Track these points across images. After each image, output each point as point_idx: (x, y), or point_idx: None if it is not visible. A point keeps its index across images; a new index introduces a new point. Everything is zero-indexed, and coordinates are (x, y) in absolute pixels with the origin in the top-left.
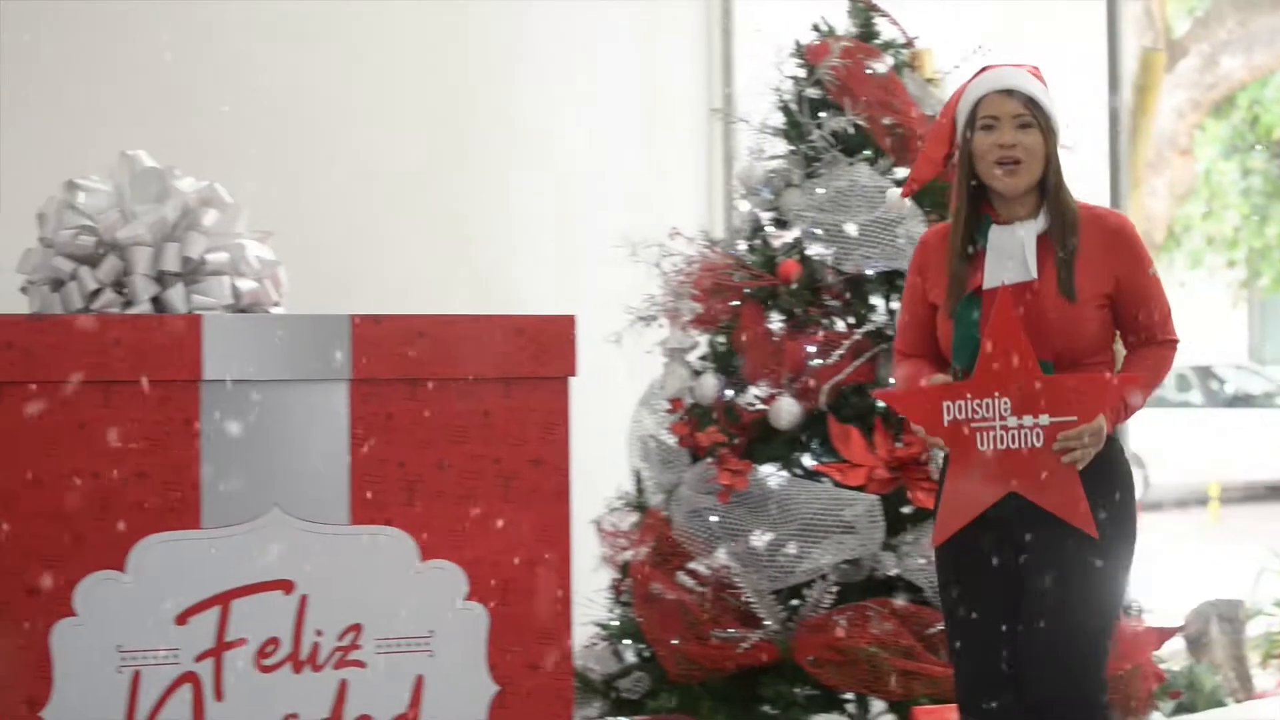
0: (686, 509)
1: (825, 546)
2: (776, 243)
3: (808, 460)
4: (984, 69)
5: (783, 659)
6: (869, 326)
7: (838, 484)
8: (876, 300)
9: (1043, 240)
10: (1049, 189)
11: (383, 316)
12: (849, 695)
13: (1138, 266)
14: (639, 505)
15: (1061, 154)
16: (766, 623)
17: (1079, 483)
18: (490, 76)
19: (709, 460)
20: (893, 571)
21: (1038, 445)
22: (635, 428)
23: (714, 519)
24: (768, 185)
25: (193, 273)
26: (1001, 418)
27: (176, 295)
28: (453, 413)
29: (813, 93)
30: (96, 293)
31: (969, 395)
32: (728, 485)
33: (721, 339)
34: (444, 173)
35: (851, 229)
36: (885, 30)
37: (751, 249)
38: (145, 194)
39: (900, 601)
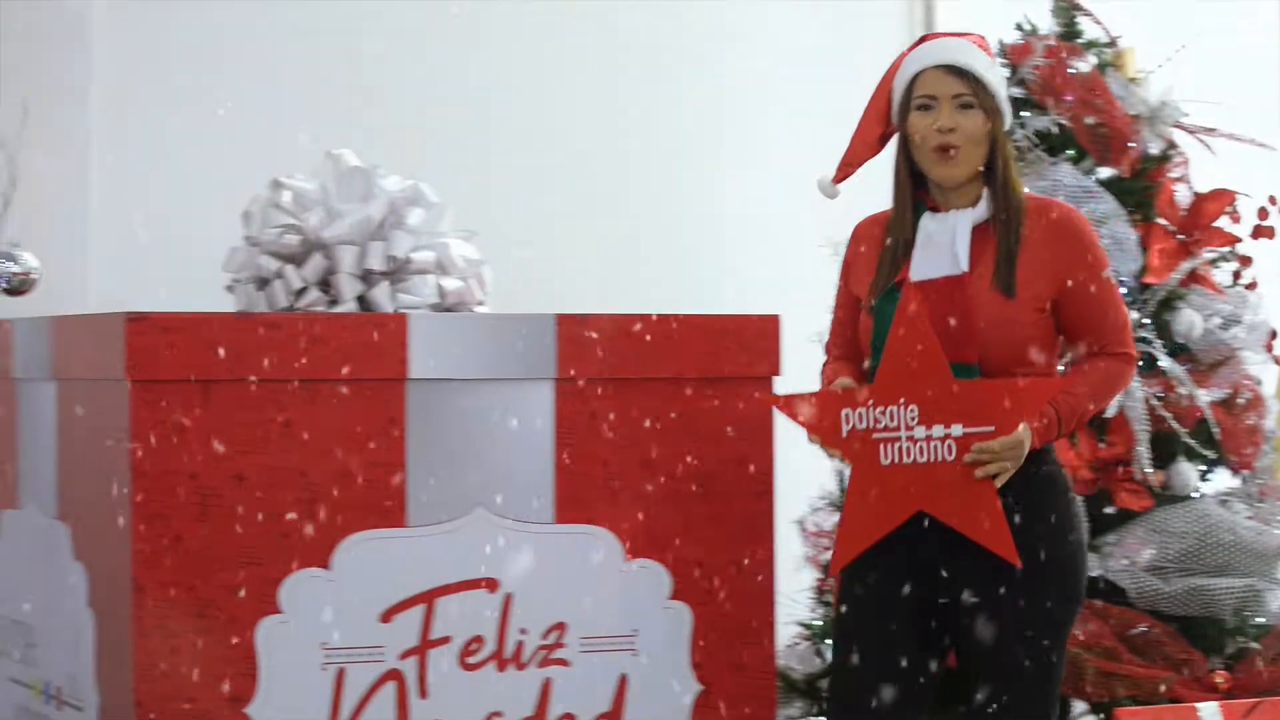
0: None
1: None
2: None
3: None
4: (922, 39)
5: None
6: None
7: None
8: None
9: (982, 231)
10: (994, 176)
11: (588, 315)
12: None
13: (1090, 266)
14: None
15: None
16: None
17: (997, 502)
18: (700, 74)
19: None
20: (1095, 572)
21: (949, 459)
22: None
23: None
24: None
25: (398, 271)
26: (908, 427)
27: (382, 294)
28: (657, 411)
29: (1015, 92)
30: (302, 291)
31: (871, 402)
32: None
33: None
34: (651, 171)
35: None
36: (1088, 29)
37: None
38: (351, 193)
39: (1102, 603)
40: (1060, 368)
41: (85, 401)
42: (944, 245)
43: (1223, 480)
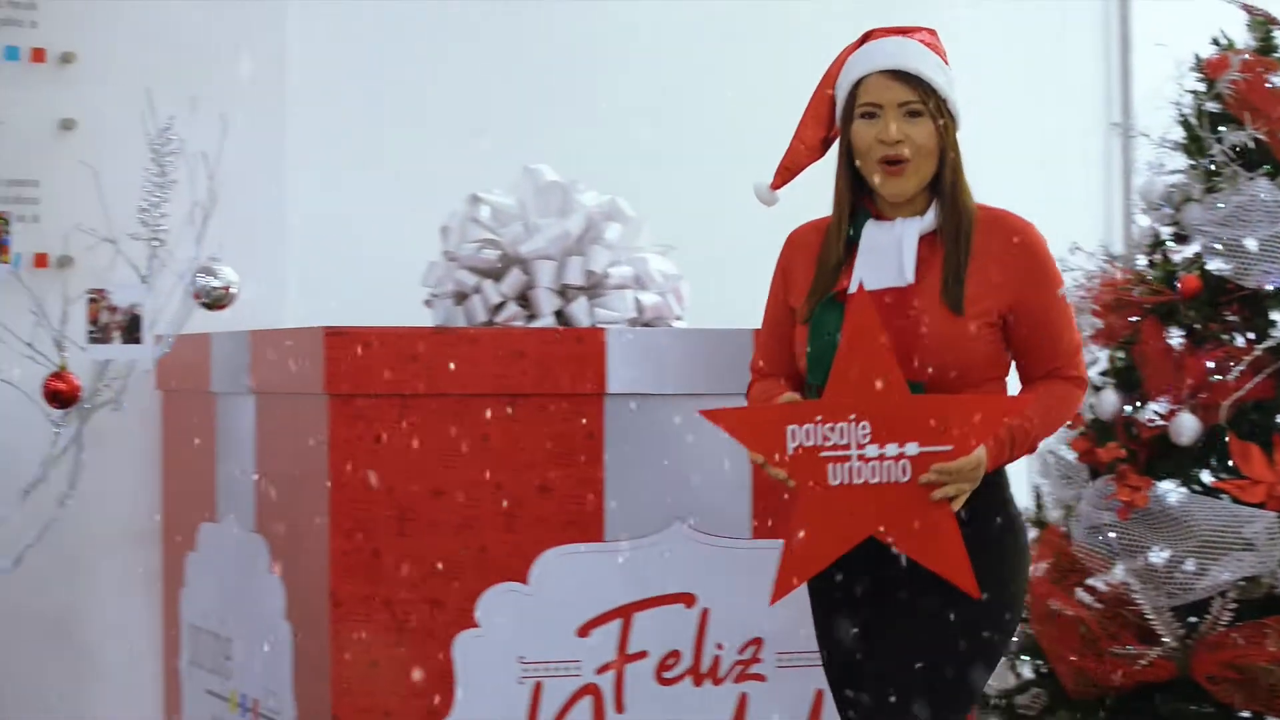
0: (1085, 525)
1: (1224, 563)
2: (1176, 257)
3: (1207, 477)
4: (866, 36)
5: (1180, 676)
6: (1270, 342)
7: (1237, 501)
8: (1277, 316)
9: (929, 241)
10: (943, 186)
11: None
12: (1246, 713)
13: (1044, 283)
14: (1038, 521)
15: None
16: (1165, 640)
17: (956, 527)
18: None
19: (1108, 476)
20: None
21: (903, 479)
22: None
23: (1113, 535)
24: (1167, 200)
25: (596, 286)
26: (859, 445)
27: (580, 309)
28: None
29: (1212, 106)
30: (500, 306)
31: (819, 417)
32: (1127, 501)
33: (1121, 354)
34: None
35: (1251, 244)
36: None
37: (1151, 264)
38: (548, 208)
39: None
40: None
41: (283, 415)
42: (889, 255)
43: None
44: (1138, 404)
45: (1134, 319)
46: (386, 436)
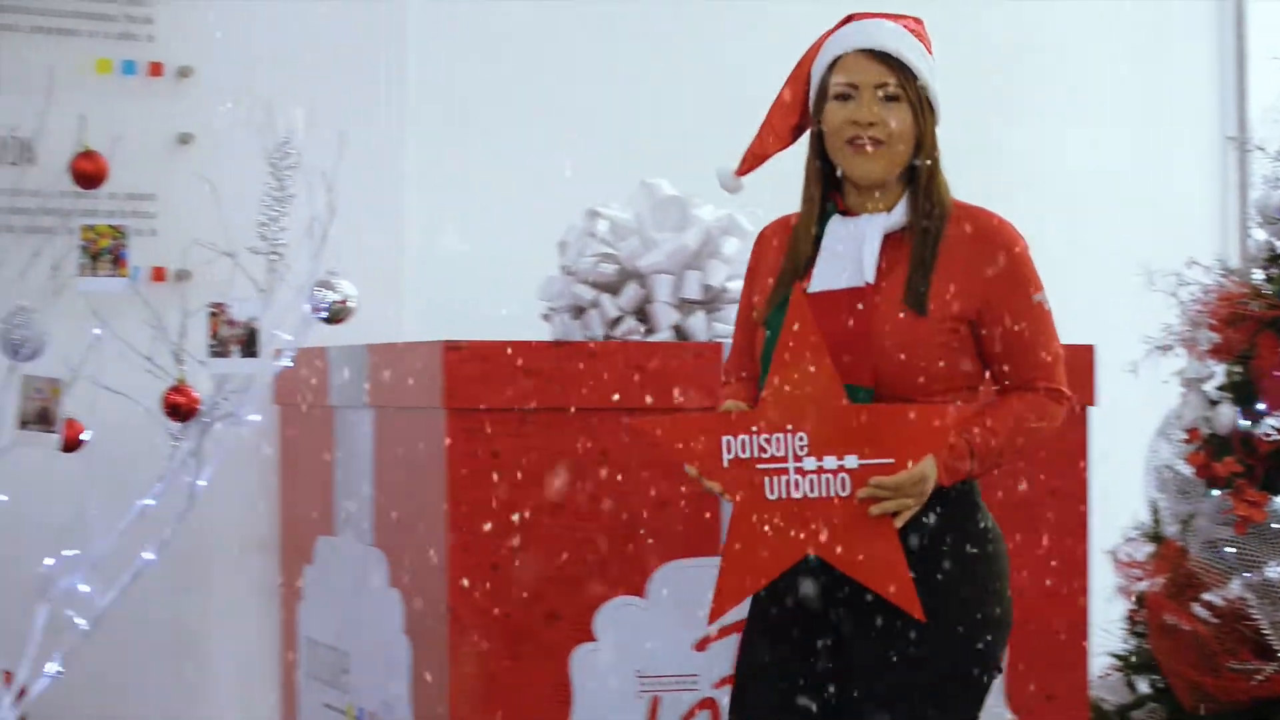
0: (1202, 539)
1: None
2: None
3: None
4: (848, 18)
5: None
6: None
7: None
8: None
9: (897, 240)
10: (918, 179)
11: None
12: None
13: (1017, 286)
14: (1155, 536)
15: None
16: None
17: (897, 543)
18: (1022, 91)
19: (1225, 491)
20: None
21: (843, 494)
22: (1152, 458)
23: (1230, 550)
24: None
25: (713, 300)
26: (796, 458)
27: (698, 323)
28: None
29: None
30: (617, 320)
31: (755, 428)
32: (1244, 516)
33: (1238, 368)
34: (978, 198)
35: None
36: None
37: (1268, 278)
38: (666, 222)
39: None
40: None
41: (402, 429)
42: (849, 253)
43: None
44: (1255, 418)
45: (1250, 333)
46: (504, 450)
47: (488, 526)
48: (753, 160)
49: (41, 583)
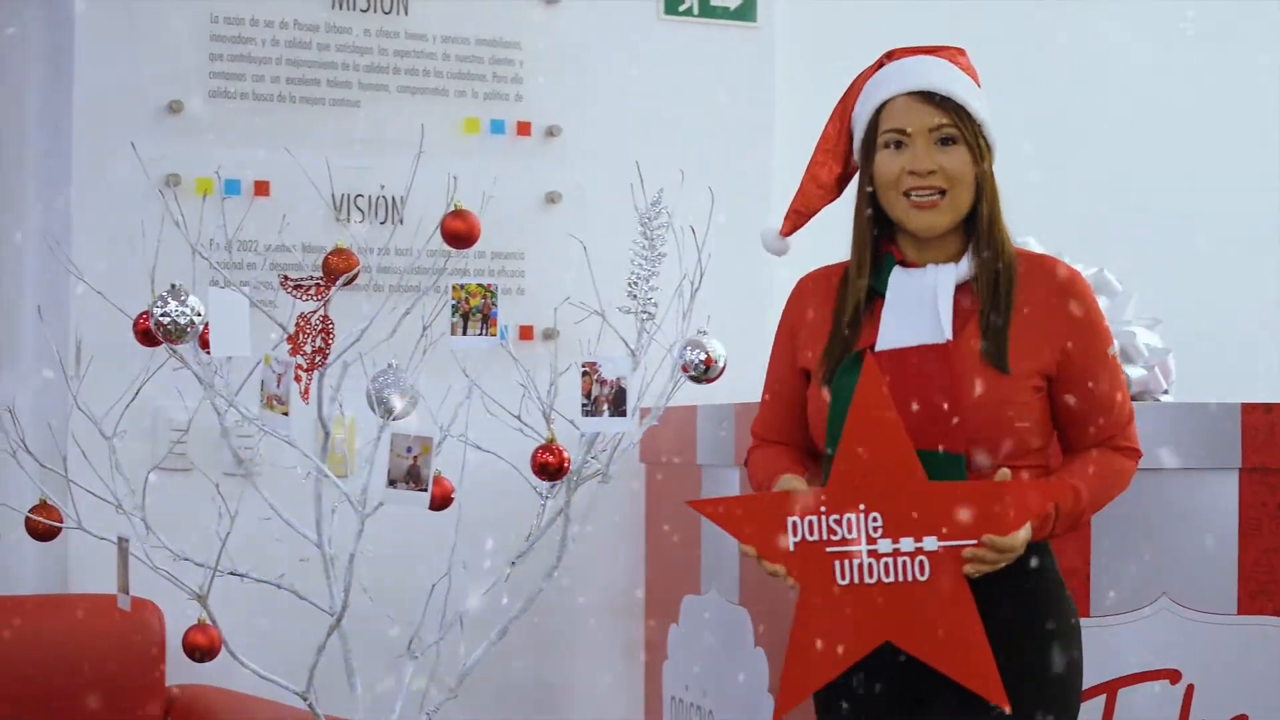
0: None
1: None
2: None
3: None
4: (887, 55)
5: None
6: None
7: None
8: None
9: (962, 292)
10: (979, 224)
11: (1273, 405)
12: None
13: (1095, 339)
14: None
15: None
16: None
17: (980, 629)
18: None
19: None
20: None
21: (921, 579)
22: None
23: None
24: None
25: None
26: (870, 540)
27: None
28: None
29: None
30: None
31: (824, 508)
32: None
33: None
34: None
35: None
36: None
37: None
38: None
39: None
40: None
41: None
42: (921, 307)
43: None
44: None
45: None
46: None
47: None
48: (796, 217)
49: (412, 642)
